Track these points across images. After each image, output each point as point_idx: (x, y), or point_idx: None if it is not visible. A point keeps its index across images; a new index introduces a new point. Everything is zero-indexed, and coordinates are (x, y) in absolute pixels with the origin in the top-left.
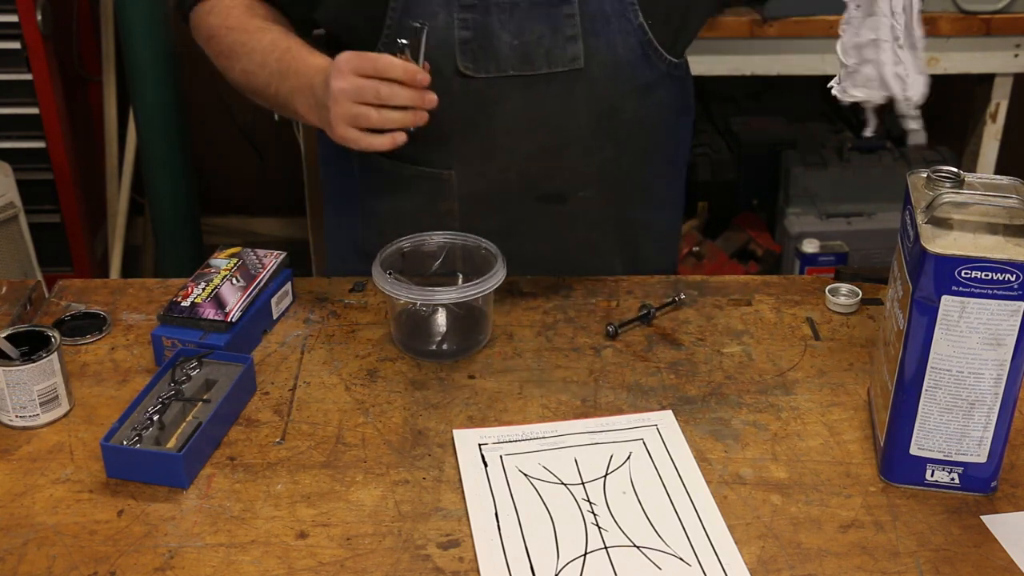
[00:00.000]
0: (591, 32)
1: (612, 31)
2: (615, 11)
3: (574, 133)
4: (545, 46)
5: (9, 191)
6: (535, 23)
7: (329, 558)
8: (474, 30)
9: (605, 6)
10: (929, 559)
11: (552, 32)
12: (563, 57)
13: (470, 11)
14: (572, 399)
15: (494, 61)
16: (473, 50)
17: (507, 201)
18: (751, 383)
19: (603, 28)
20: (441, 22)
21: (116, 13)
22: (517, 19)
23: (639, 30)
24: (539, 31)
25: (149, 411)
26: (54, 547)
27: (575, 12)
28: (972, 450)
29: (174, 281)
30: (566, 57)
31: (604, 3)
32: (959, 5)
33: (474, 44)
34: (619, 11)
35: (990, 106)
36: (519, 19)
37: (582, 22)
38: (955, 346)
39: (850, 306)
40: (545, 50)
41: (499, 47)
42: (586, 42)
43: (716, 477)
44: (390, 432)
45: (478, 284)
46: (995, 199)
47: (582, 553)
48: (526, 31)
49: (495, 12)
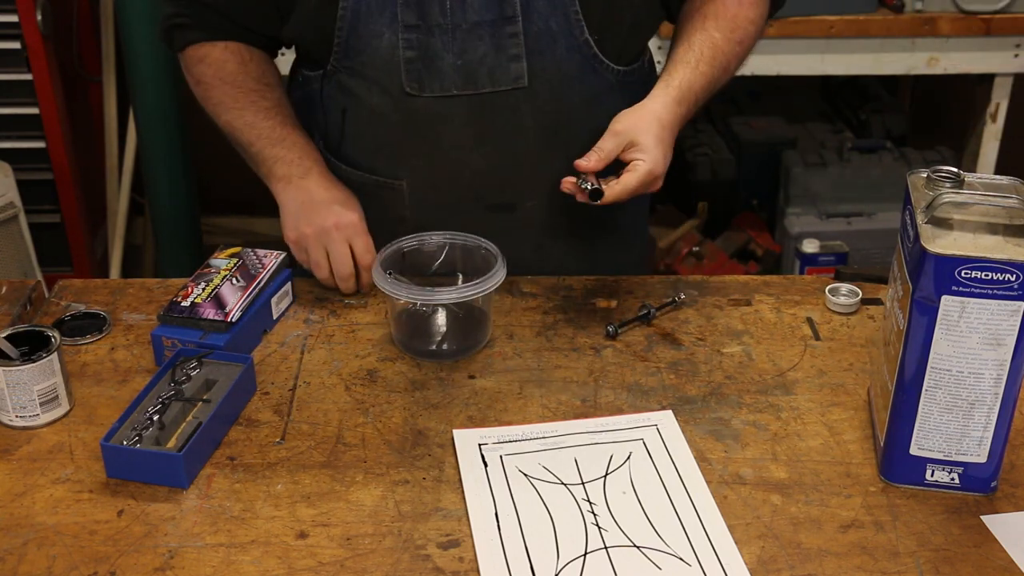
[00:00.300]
0: (535, 50)
1: (557, 48)
2: (561, 28)
3: (521, 147)
4: (488, 65)
5: (9, 191)
6: (478, 43)
7: (329, 558)
8: (418, 50)
9: (551, 23)
10: (929, 559)
11: (495, 51)
12: (506, 76)
13: (414, 31)
14: (572, 399)
15: (438, 81)
16: (418, 70)
17: (457, 210)
18: (751, 383)
19: (548, 46)
20: (386, 41)
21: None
22: (459, 40)
23: (584, 45)
24: (482, 51)
25: (149, 411)
26: (54, 547)
27: (519, 31)
28: (972, 450)
29: (174, 281)
30: (509, 76)
31: (550, 21)
32: (959, 5)
33: (418, 64)
34: (565, 29)
35: (990, 106)
36: (461, 39)
37: (526, 41)
38: (955, 346)
39: (850, 306)
40: (488, 69)
41: (442, 67)
42: (530, 60)
43: (716, 477)
44: (390, 432)
45: (478, 284)
46: (995, 199)
47: (582, 553)
48: (469, 51)
49: (438, 33)
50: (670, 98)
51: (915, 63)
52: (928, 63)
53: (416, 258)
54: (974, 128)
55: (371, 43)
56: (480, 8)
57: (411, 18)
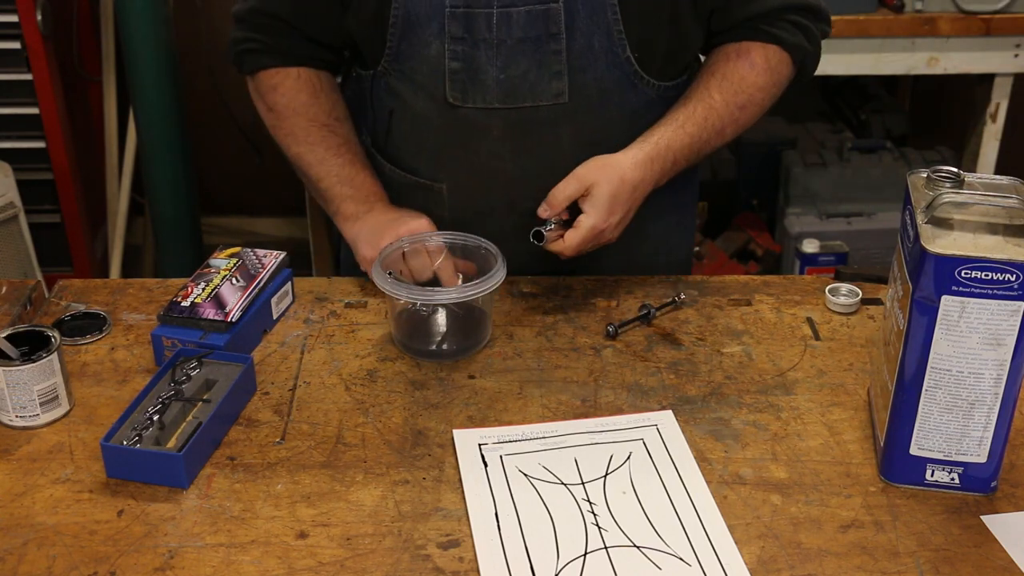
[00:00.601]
0: (577, 68)
1: (599, 65)
2: (603, 47)
3: (558, 160)
4: (530, 81)
5: (9, 191)
6: (521, 59)
7: (329, 558)
8: (463, 62)
9: (593, 41)
10: (929, 559)
11: (538, 67)
12: (547, 92)
13: (460, 43)
14: (572, 399)
15: (480, 93)
16: (462, 81)
17: (493, 217)
18: (751, 383)
19: (590, 63)
20: (434, 51)
21: (116, 13)
22: (504, 55)
23: (626, 63)
24: (525, 67)
25: (149, 411)
26: (54, 547)
27: (562, 49)
28: (972, 450)
29: (174, 281)
30: (550, 92)
31: (592, 39)
32: (959, 5)
33: (462, 75)
34: (607, 47)
35: (990, 106)
36: (506, 55)
37: (569, 58)
38: (955, 346)
39: (850, 306)
40: (530, 85)
41: (486, 80)
42: (572, 77)
43: (716, 477)
44: (390, 432)
45: (478, 284)
46: (995, 199)
47: (582, 553)
48: (512, 66)
49: (483, 47)
50: (643, 155)
51: (915, 63)
52: (928, 63)
53: (416, 258)
54: (974, 128)
55: (420, 51)
56: (525, 25)
57: (458, 31)
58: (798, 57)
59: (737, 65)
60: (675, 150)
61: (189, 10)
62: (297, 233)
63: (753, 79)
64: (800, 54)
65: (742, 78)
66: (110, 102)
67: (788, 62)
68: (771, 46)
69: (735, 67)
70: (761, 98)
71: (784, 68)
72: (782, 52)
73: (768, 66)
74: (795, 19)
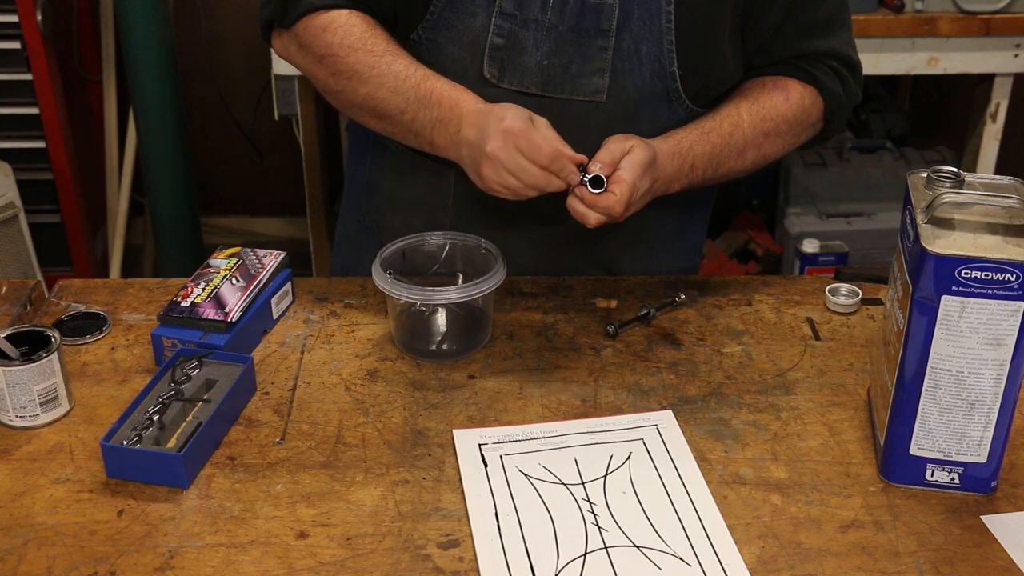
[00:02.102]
0: (620, 69)
1: (642, 72)
2: (650, 54)
3: None
4: (572, 73)
5: (9, 191)
6: (568, 48)
7: (329, 558)
8: (507, 39)
9: (641, 47)
10: (929, 559)
11: (582, 60)
12: (587, 87)
13: (509, 20)
14: (572, 399)
15: (519, 75)
16: (501, 59)
17: (499, 211)
18: (751, 383)
19: (634, 68)
20: (479, 23)
21: (116, 13)
22: (551, 40)
23: (670, 77)
24: (569, 56)
25: (149, 411)
26: (54, 547)
27: (609, 46)
28: (972, 450)
29: (174, 281)
30: (589, 88)
31: (640, 44)
32: (959, 5)
33: (503, 53)
34: (654, 55)
35: (990, 106)
36: (553, 40)
37: (614, 58)
38: (955, 346)
39: (850, 306)
40: (571, 77)
41: (527, 63)
42: (613, 78)
43: (716, 477)
44: (390, 432)
45: (478, 284)
46: (995, 199)
47: (582, 553)
48: (557, 54)
49: (532, 28)
50: (667, 146)
51: (915, 63)
52: (928, 63)
53: (416, 258)
54: (974, 128)
55: (464, 20)
56: (578, 14)
57: (509, 7)
58: (831, 104)
59: (772, 95)
60: (696, 155)
61: (189, 10)
62: (297, 233)
63: (784, 110)
64: (834, 101)
65: (774, 106)
66: (110, 102)
67: (820, 107)
68: (808, 86)
69: (769, 95)
70: (787, 131)
71: (815, 111)
72: (817, 95)
73: (802, 103)
74: (835, 66)
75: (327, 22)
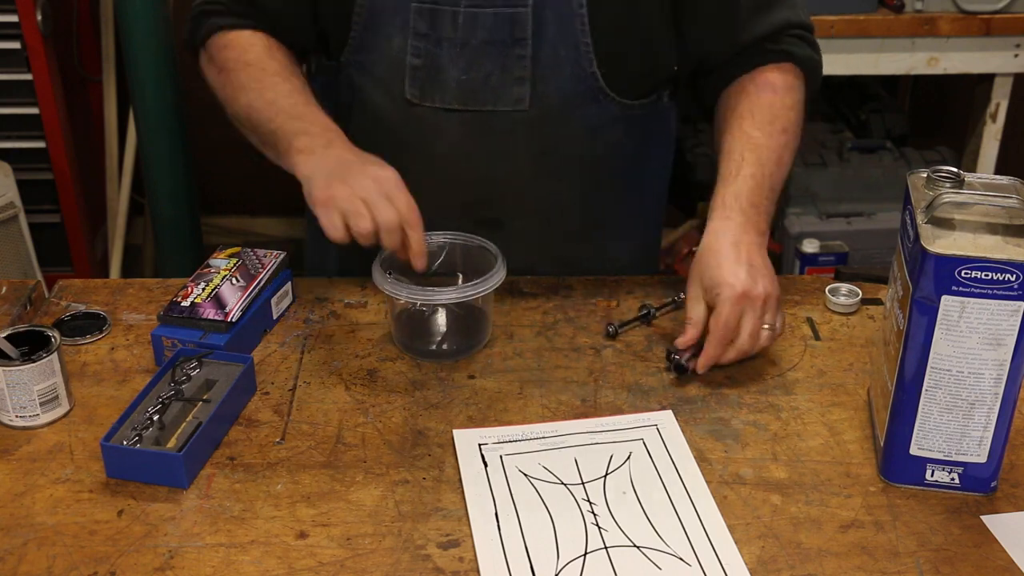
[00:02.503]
0: (541, 76)
1: (563, 76)
2: (569, 58)
3: (513, 168)
4: (492, 85)
5: (9, 191)
6: (485, 61)
7: (329, 558)
8: (424, 59)
9: (559, 51)
10: (929, 559)
11: (501, 72)
12: (508, 98)
13: (423, 40)
14: (572, 399)
15: (439, 93)
16: (421, 79)
17: (447, 220)
18: (751, 383)
19: (554, 73)
20: (396, 46)
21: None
22: (467, 55)
23: (591, 77)
24: (488, 69)
25: (149, 411)
26: (54, 547)
27: (527, 55)
28: (972, 450)
29: (174, 281)
30: (511, 98)
31: (559, 48)
32: (959, 5)
33: (423, 73)
34: (573, 58)
35: (990, 106)
36: (469, 56)
37: (533, 66)
38: (955, 346)
39: (850, 306)
40: (492, 89)
41: (446, 80)
42: (534, 85)
43: (716, 477)
44: (390, 432)
45: (478, 284)
46: (995, 199)
47: (582, 553)
48: (474, 68)
49: (446, 46)
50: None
51: (915, 63)
52: (928, 63)
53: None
54: (974, 128)
55: (382, 44)
56: (492, 27)
57: (422, 27)
58: (810, 69)
59: (760, 96)
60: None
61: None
62: (297, 233)
63: (780, 103)
64: (811, 65)
65: (770, 105)
66: (110, 102)
67: (802, 76)
68: (784, 64)
69: (759, 99)
70: (794, 118)
71: (801, 83)
72: (796, 69)
73: (788, 85)
74: (798, 33)
75: (230, 40)
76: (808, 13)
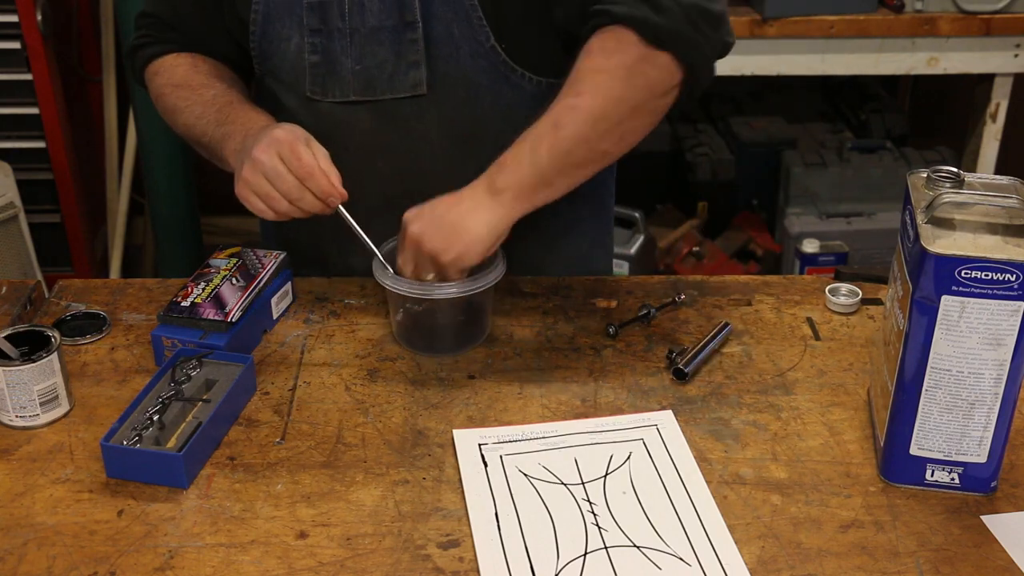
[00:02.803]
0: (437, 57)
1: (461, 55)
2: (464, 34)
3: (427, 156)
4: (388, 72)
5: (9, 191)
6: (377, 48)
7: (329, 558)
8: (321, 55)
9: (453, 29)
10: (929, 559)
11: (395, 57)
12: (404, 83)
13: (317, 35)
14: (572, 399)
15: (338, 86)
16: (321, 75)
17: (370, 216)
18: (751, 383)
19: (451, 53)
20: (294, 46)
21: (116, 13)
22: (358, 44)
23: (491, 52)
24: (381, 56)
25: (149, 411)
26: (54, 547)
27: (419, 37)
28: (972, 450)
29: (174, 281)
30: (408, 83)
31: (452, 26)
32: (959, 5)
33: (321, 69)
34: (468, 35)
35: (990, 106)
36: (360, 44)
37: (427, 47)
38: (955, 346)
39: (850, 306)
40: (387, 76)
41: (342, 72)
42: (431, 67)
43: (716, 477)
44: (390, 432)
45: (478, 279)
46: (995, 199)
47: (582, 553)
48: (368, 56)
49: (337, 37)
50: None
51: (915, 63)
52: (928, 63)
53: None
54: (974, 128)
55: (280, 47)
56: (379, 13)
57: (315, 22)
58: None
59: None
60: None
61: None
62: None
63: (588, 65)
64: (646, 29)
65: (577, 70)
66: (110, 102)
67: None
68: (606, 29)
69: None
70: (603, 80)
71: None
72: (621, 31)
73: (603, 47)
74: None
75: (158, 67)
76: None
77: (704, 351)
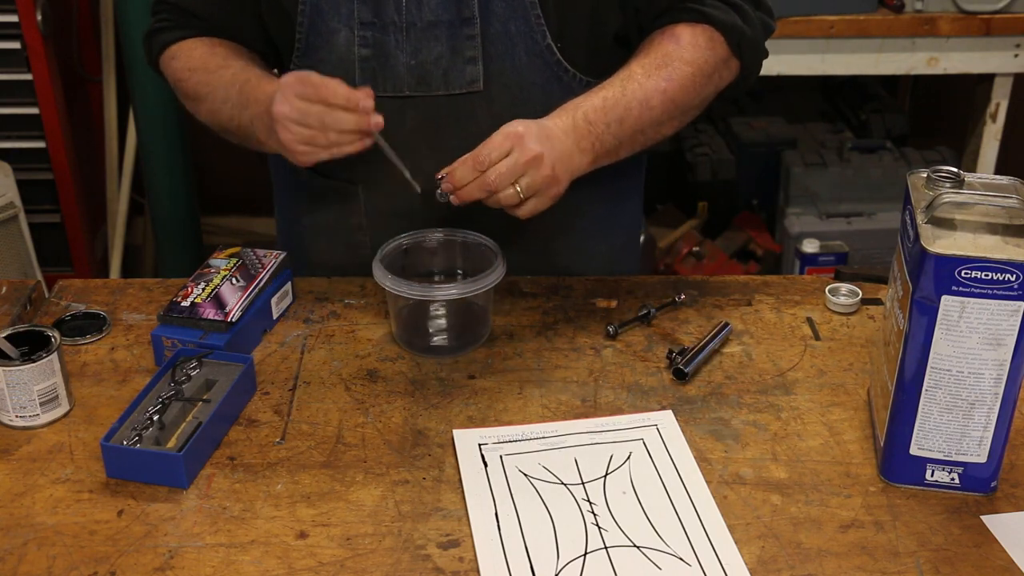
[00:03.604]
0: (493, 54)
1: (517, 53)
2: (521, 32)
3: None
4: (443, 67)
5: (9, 191)
6: (433, 44)
7: (329, 558)
8: (373, 48)
9: (510, 27)
10: (929, 559)
11: (451, 53)
12: (461, 79)
13: (369, 29)
14: (572, 399)
15: (391, 81)
16: (372, 69)
17: (413, 219)
18: (751, 383)
19: (507, 50)
20: (343, 39)
21: (116, 13)
22: (414, 39)
23: (547, 51)
24: (437, 52)
25: (149, 411)
26: (54, 547)
27: (476, 33)
28: (972, 450)
29: (174, 281)
30: (464, 79)
31: (509, 24)
32: (959, 5)
33: (373, 63)
34: (525, 32)
35: (990, 106)
36: (416, 39)
37: (484, 44)
38: (955, 346)
39: (850, 306)
40: (443, 71)
41: (396, 67)
42: (487, 64)
43: (716, 477)
44: (390, 432)
45: (478, 280)
46: (995, 199)
47: (582, 553)
48: (423, 51)
49: (392, 31)
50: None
51: (915, 63)
52: (928, 63)
53: (417, 254)
54: (974, 128)
55: (329, 40)
56: (436, 7)
57: (367, 15)
58: (733, 38)
59: (661, 43)
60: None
61: None
62: None
63: (679, 53)
64: (734, 34)
65: (666, 53)
66: (110, 102)
67: (721, 42)
68: (699, 25)
69: (659, 45)
70: (691, 73)
71: (718, 48)
72: (713, 31)
73: (695, 42)
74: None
75: (175, 52)
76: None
77: (704, 351)
